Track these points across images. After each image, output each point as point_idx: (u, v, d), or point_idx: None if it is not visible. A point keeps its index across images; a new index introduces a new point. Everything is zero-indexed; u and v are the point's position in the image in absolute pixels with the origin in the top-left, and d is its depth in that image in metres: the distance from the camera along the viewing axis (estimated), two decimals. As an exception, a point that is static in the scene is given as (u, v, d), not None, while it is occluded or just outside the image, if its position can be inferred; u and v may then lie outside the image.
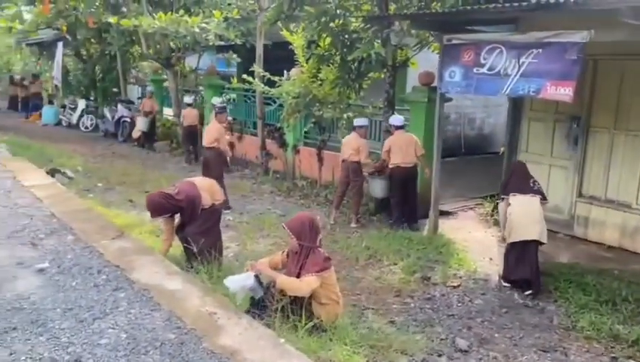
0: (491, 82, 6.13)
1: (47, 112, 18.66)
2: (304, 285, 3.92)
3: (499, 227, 7.81)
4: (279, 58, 10.78)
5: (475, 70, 6.27)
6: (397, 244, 6.86)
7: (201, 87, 14.33)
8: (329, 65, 8.99)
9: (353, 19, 8.16)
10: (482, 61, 6.16)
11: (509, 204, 5.75)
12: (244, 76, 10.38)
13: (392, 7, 7.88)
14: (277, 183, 10.38)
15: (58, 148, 13.39)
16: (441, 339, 4.55)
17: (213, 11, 11.40)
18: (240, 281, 4.04)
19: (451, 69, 6.54)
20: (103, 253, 4.74)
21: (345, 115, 9.31)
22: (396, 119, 7.82)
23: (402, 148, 7.57)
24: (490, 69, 6.11)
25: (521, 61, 5.81)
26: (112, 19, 11.11)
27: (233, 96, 13.76)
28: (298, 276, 4.04)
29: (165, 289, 4.01)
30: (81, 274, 4.29)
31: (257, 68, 10.47)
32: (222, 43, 12.55)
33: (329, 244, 7.02)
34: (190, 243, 4.92)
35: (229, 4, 12.23)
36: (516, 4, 5.42)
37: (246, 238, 6.91)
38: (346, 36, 8.15)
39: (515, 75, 5.85)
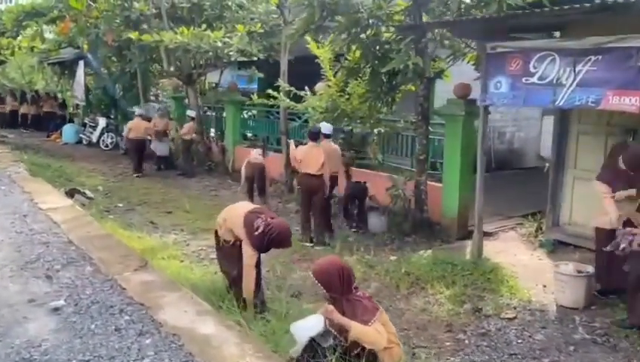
0: (543, 93, 5.63)
1: (68, 131, 18.45)
2: (379, 335, 3.39)
3: (544, 249, 7.25)
4: (301, 73, 10.36)
5: (523, 80, 5.78)
6: (440, 270, 6.29)
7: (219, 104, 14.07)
8: (357, 79, 8.56)
9: (385, 30, 7.72)
10: (532, 70, 5.67)
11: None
12: (269, 91, 9.99)
13: (425, 17, 7.40)
14: (303, 202, 9.88)
15: (78, 167, 13.14)
16: (508, 386, 4.00)
17: (236, 26, 11.11)
18: (310, 328, 3.46)
19: (497, 79, 6.06)
20: (126, 287, 4.26)
21: (375, 130, 8.89)
22: (328, 127, 7.91)
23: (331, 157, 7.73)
24: (541, 79, 5.62)
25: (577, 69, 5.32)
26: (132, 35, 10.84)
27: (254, 112, 13.49)
28: None
29: (197, 334, 3.50)
30: (101, 315, 3.81)
31: (282, 83, 10.08)
32: (244, 59, 12.24)
33: (365, 270, 6.51)
34: None
35: (252, 19, 11.91)
36: (577, 5, 4.91)
37: (276, 263, 6.43)
38: (378, 47, 7.70)
39: (571, 85, 5.37)
